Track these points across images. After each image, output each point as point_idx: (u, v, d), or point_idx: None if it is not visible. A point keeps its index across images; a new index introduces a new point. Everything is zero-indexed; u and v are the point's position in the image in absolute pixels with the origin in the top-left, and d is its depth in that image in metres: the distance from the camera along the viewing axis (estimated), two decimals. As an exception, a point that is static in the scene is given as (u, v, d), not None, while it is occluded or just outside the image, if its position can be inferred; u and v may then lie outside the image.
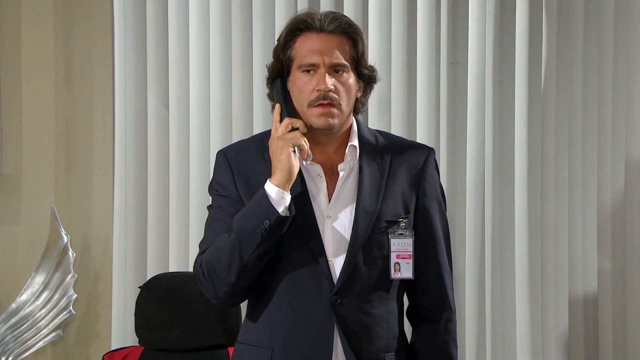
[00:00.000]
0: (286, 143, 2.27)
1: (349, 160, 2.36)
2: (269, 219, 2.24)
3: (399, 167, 2.37)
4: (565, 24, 3.64)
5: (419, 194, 2.38)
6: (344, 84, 2.31)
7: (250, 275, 2.29)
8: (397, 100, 3.68)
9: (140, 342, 3.23)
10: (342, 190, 2.35)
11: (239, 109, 3.78)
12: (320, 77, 2.29)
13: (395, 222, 2.34)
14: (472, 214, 3.65)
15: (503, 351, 3.67)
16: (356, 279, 2.31)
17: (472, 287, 3.65)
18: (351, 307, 2.30)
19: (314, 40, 2.32)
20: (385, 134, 2.46)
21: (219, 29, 3.79)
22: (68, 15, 3.92)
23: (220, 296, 2.33)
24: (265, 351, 2.33)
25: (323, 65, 2.30)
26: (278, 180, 2.26)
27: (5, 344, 3.75)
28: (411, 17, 3.68)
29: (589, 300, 3.63)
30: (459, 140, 3.69)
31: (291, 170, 2.26)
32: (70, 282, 3.78)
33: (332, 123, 2.31)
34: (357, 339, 2.31)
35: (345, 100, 2.32)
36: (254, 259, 2.27)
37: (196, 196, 3.77)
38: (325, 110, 2.30)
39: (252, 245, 2.25)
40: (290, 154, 2.26)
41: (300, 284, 2.31)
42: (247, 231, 2.26)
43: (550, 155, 3.63)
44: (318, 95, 2.30)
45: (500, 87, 3.67)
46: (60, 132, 3.92)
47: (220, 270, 2.29)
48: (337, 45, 2.31)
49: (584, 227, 3.65)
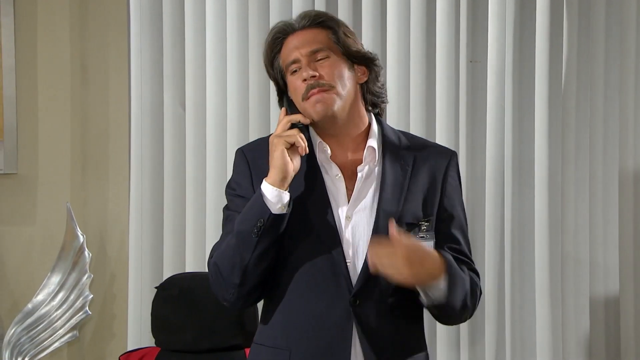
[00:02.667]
0: (280, 141, 2.27)
1: (367, 161, 2.35)
2: (262, 218, 2.24)
3: (421, 169, 2.36)
4: (586, 21, 3.61)
5: (442, 197, 2.37)
6: (329, 67, 2.32)
7: (254, 275, 2.29)
8: (416, 99, 3.66)
9: (157, 343, 3.22)
10: (362, 191, 2.33)
11: (256, 108, 3.77)
12: (303, 69, 2.32)
13: (416, 225, 2.32)
14: (492, 214, 3.63)
15: (522, 352, 3.65)
16: (376, 281, 2.29)
17: (491, 288, 3.63)
18: (370, 309, 2.29)
19: (291, 40, 2.37)
20: (409, 135, 2.45)
21: (235, 28, 3.79)
22: (84, 15, 3.92)
23: (228, 298, 2.33)
24: (282, 352, 2.32)
25: (302, 57, 2.33)
26: (272, 178, 2.26)
27: (21, 344, 3.76)
28: (430, 14, 3.67)
29: (610, 301, 3.60)
30: (478, 139, 3.67)
31: (284, 167, 2.25)
32: (86, 283, 3.78)
33: (329, 107, 2.31)
34: (375, 341, 2.29)
35: (339, 84, 2.32)
36: (254, 259, 2.26)
37: (212, 196, 3.77)
38: (318, 96, 2.30)
39: (251, 245, 2.25)
40: (283, 152, 2.26)
41: (318, 285, 2.29)
42: (245, 232, 2.26)
43: (570, 154, 3.61)
44: (306, 86, 2.31)
45: (520, 86, 3.64)
46: (76, 132, 3.92)
47: (225, 272, 2.30)
48: (312, 36, 2.35)
49: (605, 227, 3.62)
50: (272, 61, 2.39)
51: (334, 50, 2.34)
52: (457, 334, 3.66)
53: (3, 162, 3.88)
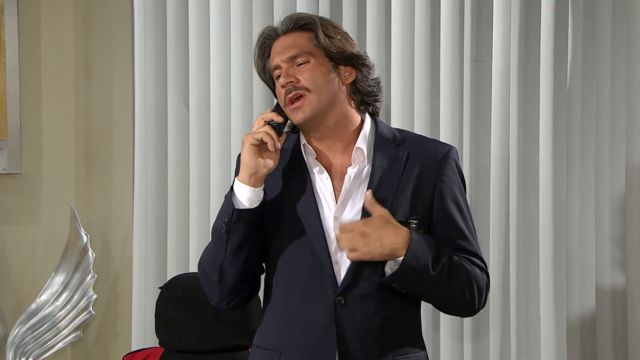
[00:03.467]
0: (247, 138, 2.29)
1: (356, 162, 2.34)
2: (229, 214, 2.28)
3: (414, 167, 2.34)
4: (592, 20, 3.59)
5: (436, 196, 2.35)
6: (308, 71, 2.32)
7: (232, 273, 2.32)
8: (419, 99, 3.65)
9: (160, 343, 3.21)
10: (350, 191, 2.33)
11: (260, 108, 3.76)
12: (282, 75, 2.34)
13: (405, 224, 2.29)
14: (496, 214, 3.61)
15: (528, 352, 3.64)
16: (360, 280, 2.29)
17: (496, 288, 3.62)
18: (355, 309, 2.28)
19: (275, 46, 2.37)
20: (406, 132, 2.44)
21: (239, 28, 3.78)
22: (88, 14, 3.92)
23: (212, 297, 2.38)
24: (273, 354, 2.34)
25: (282, 63, 2.34)
26: (241, 175, 2.29)
27: (25, 344, 3.75)
28: (435, 13, 3.66)
29: (616, 301, 3.59)
30: (482, 139, 3.65)
31: (249, 164, 2.27)
32: (90, 283, 3.78)
33: (305, 114, 2.31)
34: (361, 341, 2.28)
35: (316, 88, 2.31)
36: (228, 255, 2.30)
37: (217, 196, 3.76)
38: (294, 105, 2.31)
39: (223, 242, 2.30)
40: (250, 148, 2.27)
41: (304, 285, 2.31)
42: (217, 229, 2.31)
43: (576, 154, 3.59)
44: (285, 92, 2.32)
45: (525, 86, 3.63)
46: (79, 132, 3.92)
47: (207, 271, 2.36)
48: (292, 41, 2.35)
49: (611, 227, 3.60)
50: (263, 67, 2.40)
51: (315, 53, 2.34)
52: (460, 333, 3.65)
53: (7, 162, 3.88)
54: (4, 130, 3.88)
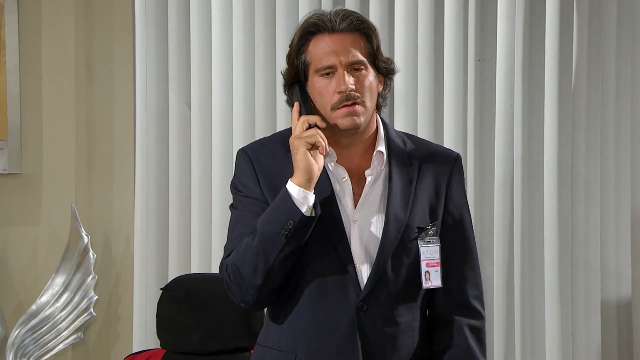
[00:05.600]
0: (301, 142, 2.24)
1: (375, 165, 2.34)
2: (292, 220, 2.21)
3: (426, 173, 2.35)
4: (597, 19, 3.58)
5: (447, 200, 2.36)
6: (365, 80, 2.29)
7: (277, 277, 2.26)
8: (423, 98, 3.65)
9: (162, 345, 3.21)
10: (369, 195, 2.32)
11: (262, 107, 3.76)
12: (340, 79, 2.27)
13: (423, 230, 2.31)
14: (501, 215, 3.61)
15: (532, 356, 3.63)
16: (383, 286, 2.28)
17: (500, 291, 3.61)
18: (376, 315, 2.28)
19: (328, 41, 2.29)
20: (413, 137, 2.43)
21: (241, 27, 3.78)
22: (89, 13, 3.91)
23: (247, 299, 2.30)
24: (287, 355, 2.31)
25: (340, 66, 2.28)
26: (298, 179, 2.23)
27: (26, 346, 3.75)
28: (438, 12, 3.65)
29: (622, 305, 3.58)
30: (487, 139, 3.65)
31: (309, 169, 2.23)
32: (90, 284, 3.78)
33: (359, 122, 2.28)
34: (381, 346, 2.28)
35: (368, 97, 2.29)
36: (279, 261, 2.24)
37: (218, 196, 3.75)
38: (350, 109, 2.27)
39: (277, 247, 2.23)
40: (306, 153, 2.23)
41: (326, 289, 2.28)
42: (271, 233, 2.23)
43: (581, 155, 3.58)
44: (340, 97, 2.27)
45: (530, 85, 3.62)
46: (80, 132, 3.91)
47: (246, 273, 2.27)
48: (351, 43, 2.29)
49: (616, 229, 3.60)
50: (297, 51, 2.32)
51: (367, 59, 2.30)
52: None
53: (7, 162, 3.87)
54: (4, 130, 3.86)
